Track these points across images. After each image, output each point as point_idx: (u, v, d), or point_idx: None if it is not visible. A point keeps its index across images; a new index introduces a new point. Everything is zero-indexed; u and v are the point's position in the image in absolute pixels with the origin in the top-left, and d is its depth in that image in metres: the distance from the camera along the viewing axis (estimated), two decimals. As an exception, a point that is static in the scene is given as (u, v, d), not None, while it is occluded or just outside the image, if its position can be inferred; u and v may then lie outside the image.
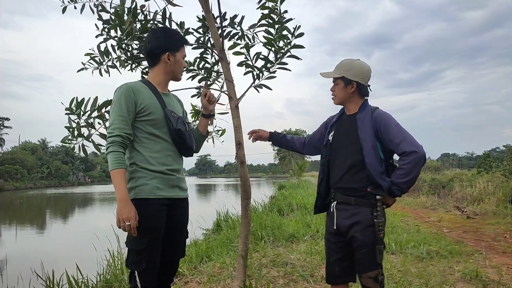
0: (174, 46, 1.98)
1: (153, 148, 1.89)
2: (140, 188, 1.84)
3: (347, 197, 2.01)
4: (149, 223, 1.80)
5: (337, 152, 2.09)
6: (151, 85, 1.97)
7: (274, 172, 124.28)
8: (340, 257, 2.05)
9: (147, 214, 1.80)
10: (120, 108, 1.82)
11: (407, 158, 1.87)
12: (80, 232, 11.04)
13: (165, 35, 1.99)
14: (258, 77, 2.78)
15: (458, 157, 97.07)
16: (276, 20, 2.59)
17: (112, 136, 1.79)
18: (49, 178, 49.37)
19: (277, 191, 17.86)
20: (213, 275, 3.64)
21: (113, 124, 1.81)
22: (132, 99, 1.85)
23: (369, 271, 1.92)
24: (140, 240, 1.78)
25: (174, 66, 2.00)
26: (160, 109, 1.91)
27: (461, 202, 10.63)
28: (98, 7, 2.50)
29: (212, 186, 44.78)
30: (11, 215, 17.78)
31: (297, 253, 4.45)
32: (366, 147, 1.94)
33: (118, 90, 1.88)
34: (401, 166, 1.90)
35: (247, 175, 2.65)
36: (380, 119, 1.97)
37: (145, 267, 1.79)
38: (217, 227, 7.06)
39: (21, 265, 5.57)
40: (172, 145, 1.95)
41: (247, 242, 2.65)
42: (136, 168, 1.86)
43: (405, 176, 1.89)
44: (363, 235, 1.93)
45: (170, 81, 2.08)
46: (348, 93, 2.06)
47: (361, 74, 2.05)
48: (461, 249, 4.81)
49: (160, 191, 1.87)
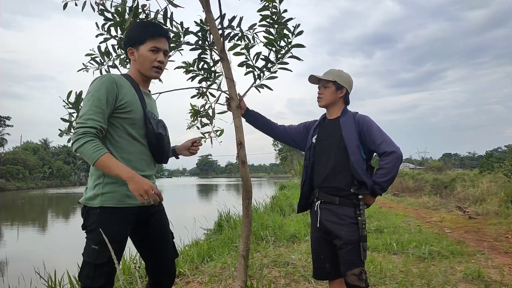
0: (137, 39, 1.76)
1: (126, 149, 1.70)
2: (107, 195, 1.64)
3: (331, 197, 2.11)
4: (113, 235, 1.59)
5: (321, 154, 2.20)
6: (133, 81, 1.79)
7: (275, 172, 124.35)
8: (330, 255, 2.14)
9: (113, 224, 1.63)
10: (98, 99, 1.60)
11: (387, 158, 2.02)
12: (81, 232, 11.03)
13: (131, 29, 1.84)
14: (259, 77, 2.78)
15: (460, 157, 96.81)
16: (276, 20, 2.58)
17: (84, 127, 1.56)
18: (50, 178, 49.48)
19: (278, 191, 17.84)
20: (214, 275, 3.63)
21: (86, 114, 1.58)
22: (114, 92, 1.66)
23: (354, 268, 1.99)
24: (102, 254, 1.57)
25: (138, 61, 1.78)
26: (140, 109, 1.75)
27: (463, 202, 10.60)
28: (99, 5, 2.49)
29: (213, 186, 44.81)
30: (13, 215, 17.83)
31: (299, 253, 4.45)
32: (351, 146, 2.07)
33: (99, 80, 1.66)
34: (382, 166, 2.03)
35: (248, 175, 2.65)
36: (363, 122, 2.12)
37: (103, 284, 1.59)
38: (219, 227, 7.05)
39: (22, 265, 5.58)
40: (147, 149, 1.78)
41: (249, 242, 2.64)
42: (104, 172, 1.64)
43: (386, 175, 2.02)
44: (347, 233, 2.02)
45: (150, 81, 1.91)
46: (337, 97, 2.21)
47: (348, 83, 2.24)
48: (463, 249, 4.80)
49: (130, 199, 1.67)
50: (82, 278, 1.62)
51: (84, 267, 1.63)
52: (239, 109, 2.58)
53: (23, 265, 5.15)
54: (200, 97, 2.97)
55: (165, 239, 1.90)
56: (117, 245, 1.61)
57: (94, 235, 1.61)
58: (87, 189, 1.71)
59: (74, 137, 1.56)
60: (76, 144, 1.55)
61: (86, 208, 1.67)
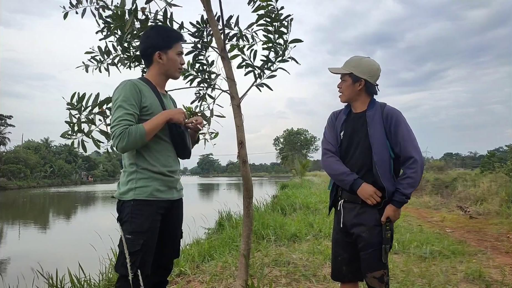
0: (165, 44, 1.91)
1: (154, 149, 1.85)
2: (140, 189, 1.80)
3: (354, 196, 1.97)
4: (145, 225, 1.76)
5: (347, 152, 2.04)
6: (151, 84, 1.92)
7: (276, 171, 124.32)
8: (347, 257, 2.04)
9: (145, 215, 1.77)
10: (125, 102, 1.75)
11: (415, 166, 1.86)
12: (82, 231, 11.07)
13: (155, 34, 1.94)
14: (260, 76, 2.77)
15: (461, 157, 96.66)
16: (274, 18, 2.58)
17: (119, 127, 1.70)
18: (52, 177, 49.62)
19: (279, 191, 17.85)
20: (215, 274, 3.63)
21: (118, 118, 1.73)
22: (138, 96, 1.80)
23: (375, 271, 1.91)
24: (135, 242, 1.73)
25: (168, 64, 1.93)
26: (160, 111, 1.88)
27: (464, 202, 10.58)
28: (99, 9, 2.50)
29: (214, 185, 44.83)
30: (14, 214, 17.87)
31: (300, 252, 4.45)
32: (376, 145, 1.91)
33: (123, 86, 1.81)
34: (410, 175, 1.87)
35: (249, 174, 2.65)
36: (392, 117, 1.93)
37: (137, 271, 1.69)
38: (219, 226, 7.05)
39: (24, 264, 5.59)
40: (171, 146, 1.92)
41: (249, 241, 2.64)
42: (136, 169, 1.82)
43: (413, 186, 1.87)
44: (369, 235, 1.91)
45: (168, 80, 2.03)
46: (355, 90, 2.01)
47: (369, 72, 1.99)
48: (464, 249, 4.79)
49: (160, 193, 1.84)
50: (118, 267, 1.77)
51: (120, 257, 1.79)
52: (240, 109, 2.57)
53: (24, 264, 5.16)
54: (200, 101, 2.97)
55: (174, 238, 2.01)
56: (149, 234, 1.77)
57: (128, 226, 1.76)
58: (120, 185, 1.86)
59: (115, 140, 1.71)
60: (121, 144, 1.70)
61: (121, 202, 1.83)
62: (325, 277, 3.46)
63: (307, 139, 69.50)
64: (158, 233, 1.85)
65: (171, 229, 1.97)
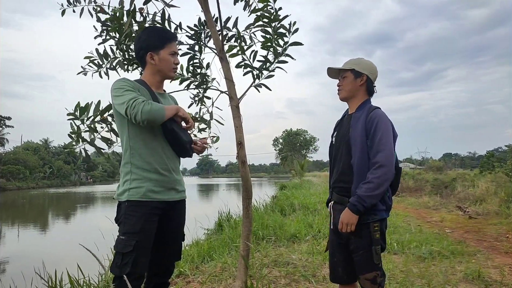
0: (157, 44, 1.92)
1: (149, 145, 1.85)
2: (134, 190, 1.81)
3: (341, 197, 2.00)
4: (138, 226, 1.76)
5: (336, 153, 2.10)
6: (146, 84, 1.94)
7: (276, 172, 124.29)
8: (343, 258, 2.04)
9: (137, 216, 1.77)
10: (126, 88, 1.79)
11: (379, 171, 1.80)
12: (82, 231, 11.06)
13: (146, 36, 1.95)
14: (258, 76, 2.78)
15: (460, 157, 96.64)
16: (272, 18, 2.58)
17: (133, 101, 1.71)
18: (51, 178, 49.49)
19: (278, 191, 17.84)
20: (214, 275, 3.63)
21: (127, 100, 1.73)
22: (136, 86, 1.85)
23: (367, 272, 1.91)
24: (128, 243, 1.74)
25: (160, 65, 1.94)
26: None
27: (463, 202, 10.58)
28: (97, 9, 2.50)
29: (214, 186, 44.81)
30: (14, 215, 17.84)
31: (299, 253, 4.45)
32: (354, 146, 1.92)
33: (119, 80, 1.86)
34: (370, 180, 1.81)
35: (249, 175, 2.65)
36: (373, 120, 1.89)
37: (130, 271, 1.70)
38: (219, 227, 7.05)
39: (23, 265, 5.58)
40: (167, 144, 1.92)
41: (249, 242, 2.64)
42: (131, 169, 1.83)
43: (371, 191, 1.80)
44: (357, 237, 1.91)
45: (165, 81, 2.05)
46: (356, 86, 2.02)
47: (369, 69, 2.03)
48: (463, 249, 4.80)
49: (155, 194, 1.83)
50: (112, 267, 1.77)
51: (114, 258, 1.80)
52: (239, 109, 2.58)
53: (23, 265, 5.15)
54: (198, 104, 2.97)
55: (174, 240, 2.01)
56: (141, 235, 1.76)
57: (122, 226, 1.79)
58: (118, 186, 1.89)
59: (139, 106, 1.69)
60: (147, 107, 1.69)
61: (119, 203, 1.86)
62: (324, 277, 3.46)
63: (306, 139, 69.45)
64: (154, 234, 1.84)
65: (172, 230, 1.96)
